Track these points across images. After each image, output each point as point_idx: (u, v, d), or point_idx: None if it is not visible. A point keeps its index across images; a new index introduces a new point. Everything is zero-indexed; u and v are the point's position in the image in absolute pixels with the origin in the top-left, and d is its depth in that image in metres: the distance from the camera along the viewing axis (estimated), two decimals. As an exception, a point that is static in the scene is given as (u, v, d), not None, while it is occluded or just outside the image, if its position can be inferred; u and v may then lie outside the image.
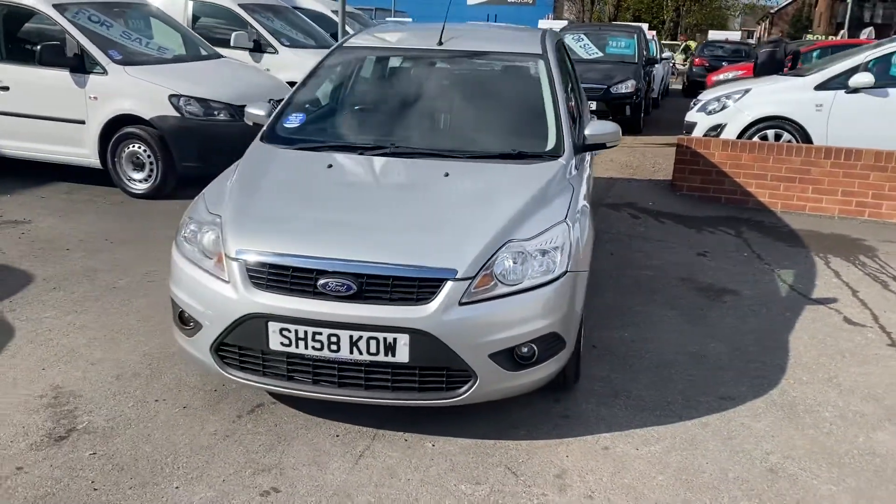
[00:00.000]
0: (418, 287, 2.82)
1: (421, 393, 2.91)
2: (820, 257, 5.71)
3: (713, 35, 34.27)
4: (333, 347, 2.85)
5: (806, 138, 7.42)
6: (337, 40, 10.22)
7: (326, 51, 4.40)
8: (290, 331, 2.86)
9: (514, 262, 2.93)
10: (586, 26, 15.38)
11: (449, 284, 2.81)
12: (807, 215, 6.88)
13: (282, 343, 2.89)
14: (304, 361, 2.91)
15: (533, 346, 2.93)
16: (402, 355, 2.82)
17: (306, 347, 2.87)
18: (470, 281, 2.83)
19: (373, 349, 2.82)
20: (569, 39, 12.71)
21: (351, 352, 2.84)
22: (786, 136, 7.49)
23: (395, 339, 2.80)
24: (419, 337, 2.79)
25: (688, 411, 3.35)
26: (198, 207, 3.29)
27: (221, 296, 2.95)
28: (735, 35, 38.96)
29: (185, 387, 3.40)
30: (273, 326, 2.87)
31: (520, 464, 2.92)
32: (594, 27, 14.70)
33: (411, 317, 2.78)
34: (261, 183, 3.37)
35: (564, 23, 21.78)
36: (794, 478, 2.89)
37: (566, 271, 2.99)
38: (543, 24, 21.92)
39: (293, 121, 3.94)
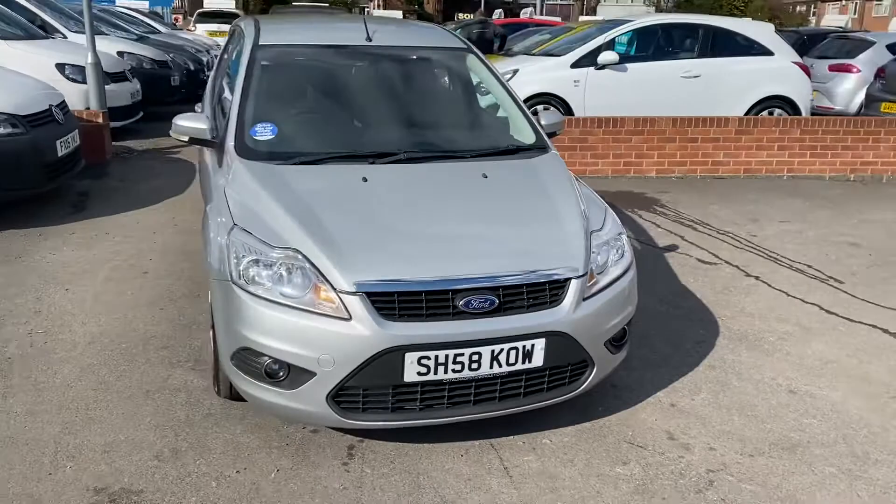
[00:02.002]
0: (549, 290, 2.86)
1: (548, 392, 2.96)
2: (630, 212, 6.68)
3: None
4: (474, 366, 2.76)
5: (568, 110, 8.45)
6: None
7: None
8: (429, 358, 2.70)
9: (599, 254, 3.11)
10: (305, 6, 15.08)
11: (574, 283, 2.90)
12: (588, 177, 7.89)
13: (419, 373, 2.72)
14: (439, 387, 2.77)
15: (625, 328, 3.16)
16: (538, 360, 2.84)
17: (446, 371, 2.74)
18: (585, 277, 2.95)
19: (511, 359, 2.80)
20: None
21: (491, 366, 2.78)
22: (552, 109, 8.43)
23: (532, 346, 2.81)
24: (555, 338, 2.84)
25: (686, 359, 3.86)
26: (249, 245, 2.85)
27: (345, 335, 2.65)
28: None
29: (249, 449, 2.96)
30: (410, 357, 2.68)
31: (632, 435, 3.15)
32: (306, 7, 14.49)
33: (548, 320, 2.82)
34: (306, 207, 3.00)
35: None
36: (794, 390, 3.57)
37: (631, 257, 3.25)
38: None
39: (264, 133, 3.52)
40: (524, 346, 2.80)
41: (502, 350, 2.77)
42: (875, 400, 3.53)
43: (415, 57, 4.27)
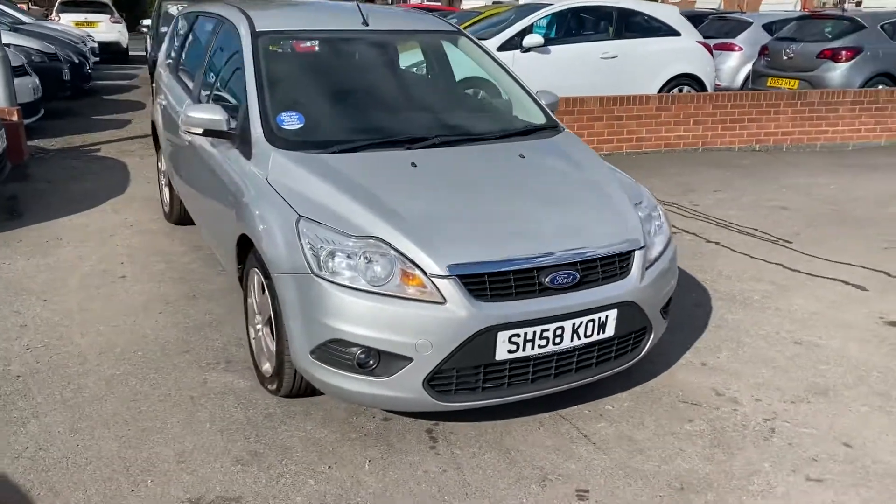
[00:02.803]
0: (618, 263, 2.97)
1: (615, 360, 3.08)
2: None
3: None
4: (557, 340, 2.84)
5: (497, 93, 8.59)
6: None
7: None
8: (519, 335, 2.75)
9: (646, 224, 3.25)
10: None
11: (637, 254, 3.03)
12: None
13: (509, 350, 2.76)
14: (524, 364, 2.83)
15: (671, 296, 3.33)
16: (610, 330, 2.95)
17: (533, 347, 2.80)
18: (645, 248, 3.08)
19: (588, 331, 2.90)
20: (174, 11, 11.90)
21: (571, 339, 2.87)
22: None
23: (606, 316, 2.92)
24: (625, 308, 2.96)
25: (694, 322, 4.10)
26: (325, 235, 2.78)
27: (441, 319, 2.65)
28: None
29: (329, 443, 2.90)
30: (502, 336, 2.72)
31: (683, 395, 3.32)
32: None
33: (619, 291, 2.93)
34: (370, 195, 2.94)
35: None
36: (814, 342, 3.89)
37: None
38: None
39: (291, 122, 3.41)
40: (599, 318, 2.89)
41: (581, 323, 2.85)
42: (867, 344, 3.89)
43: (414, 41, 4.25)
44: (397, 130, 3.59)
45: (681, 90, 9.50)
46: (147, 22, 17.94)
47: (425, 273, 2.69)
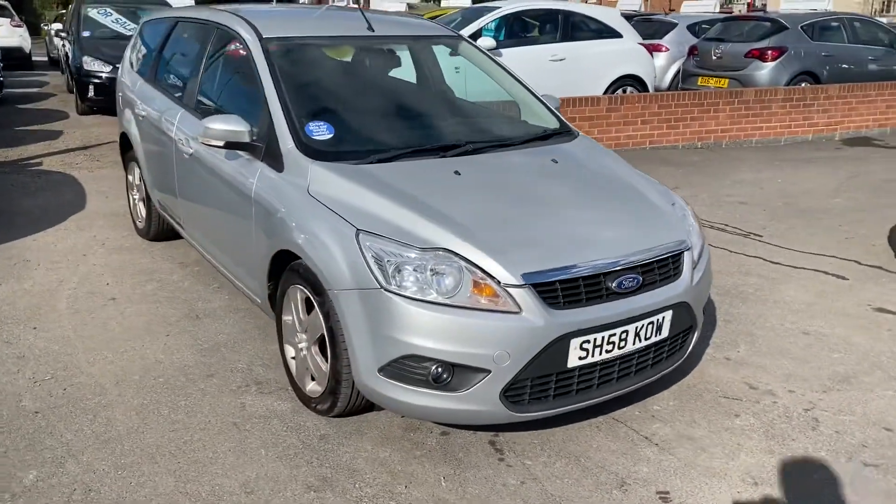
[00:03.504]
0: (671, 263, 3.02)
1: (667, 360, 3.13)
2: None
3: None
4: (622, 344, 2.86)
5: (451, 97, 8.58)
6: None
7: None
8: (589, 341, 2.76)
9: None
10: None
11: (686, 255, 3.09)
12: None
13: (579, 357, 2.76)
14: (591, 369, 2.83)
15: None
16: (665, 330, 3.00)
17: (601, 353, 2.81)
18: (692, 248, 3.14)
19: (648, 333, 2.93)
20: (94, 13, 11.40)
21: (633, 342, 2.89)
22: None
23: (663, 318, 2.96)
24: (678, 308, 3.01)
25: (706, 316, 4.21)
26: (389, 248, 2.70)
27: (519, 328, 2.63)
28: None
29: (396, 462, 2.82)
30: (574, 343, 2.72)
31: (721, 390, 3.40)
32: None
33: (675, 292, 2.98)
34: (425, 205, 2.87)
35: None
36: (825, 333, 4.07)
37: None
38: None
39: (320, 132, 3.29)
40: (657, 320, 2.93)
41: (643, 325, 2.88)
42: (868, 331, 4.09)
43: (420, 47, 4.19)
44: (427, 138, 3.54)
45: (624, 91, 9.75)
46: (57, 26, 17.06)
47: (498, 283, 2.65)
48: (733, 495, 2.68)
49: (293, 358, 3.24)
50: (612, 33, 9.59)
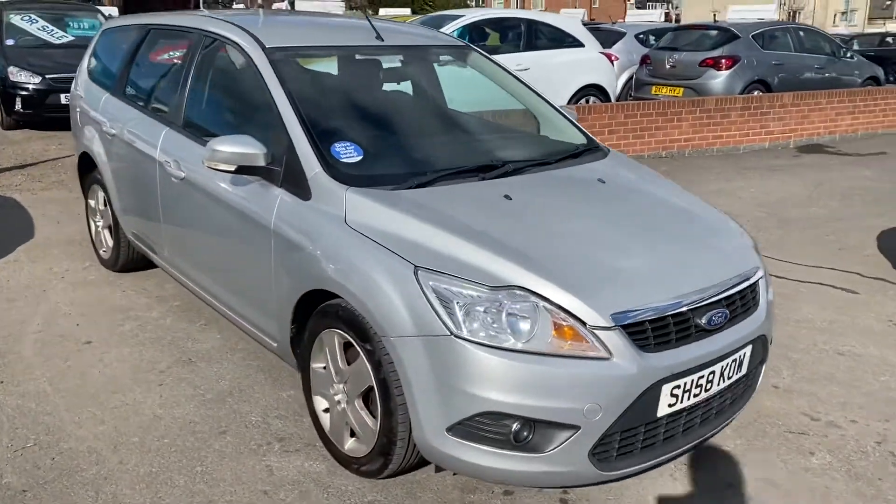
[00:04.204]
0: (750, 293, 2.77)
1: (742, 398, 2.87)
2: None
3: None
4: (709, 385, 2.59)
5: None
6: None
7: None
8: (679, 386, 2.47)
9: None
10: (37, 4, 12.62)
11: (762, 282, 2.85)
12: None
13: (669, 404, 2.47)
14: (677, 417, 2.55)
15: None
16: (744, 367, 2.75)
17: (689, 398, 2.53)
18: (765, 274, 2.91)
19: (730, 372, 2.67)
20: (18, 20, 10.60)
21: (718, 383, 2.63)
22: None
23: (744, 354, 2.71)
24: (756, 342, 2.76)
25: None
26: (455, 288, 2.35)
27: (610, 377, 2.32)
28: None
29: (463, 532, 2.47)
30: (666, 389, 2.44)
31: (783, 424, 3.18)
32: (46, 4, 12.26)
33: (755, 325, 2.73)
34: (487, 236, 2.53)
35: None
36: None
37: None
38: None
39: (348, 154, 2.92)
40: (739, 356, 2.68)
41: (728, 364, 2.62)
42: (900, 349, 3.96)
43: (431, 57, 3.85)
44: (462, 158, 3.20)
45: (587, 101, 9.61)
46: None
47: (584, 324, 2.34)
48: (844, 550, 2.44)
49: (326, 411, 2.85)
50: (574, 42, 9.45)
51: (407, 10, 15.44)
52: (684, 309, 2.48)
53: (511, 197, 2.84)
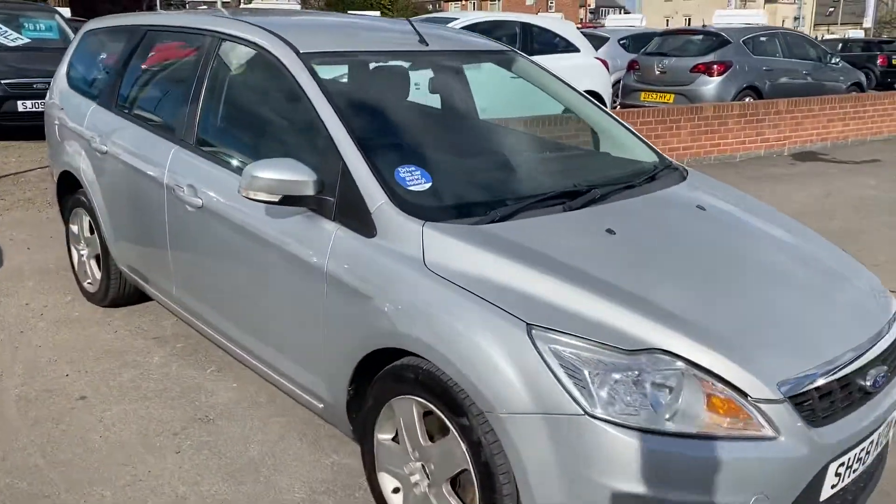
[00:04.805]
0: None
1: (881, 464, 2.45)
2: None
3: None
4: (866, 458, 2.18)
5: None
6: None
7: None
8: (843, 463, 2.06)
9: None
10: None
11: None
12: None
13: (832, 486, 2.05)
14: (836, 498, 2.13)
15: None
16: (892, 431, 2.34)
17: (850, 475, 2.11)
18: None
19: (882, 438, 2.26)
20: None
21: (872, 452, 2.22)
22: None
23: (894, 416, 2.30)
24: (904, 397, 2.36)
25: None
26: (586, 353, 1.90)
27: (779, 460, 1.89)
28: None
29: None
30: (832, 468, 2.01)
31: None
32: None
33: (904, 379, 2.33)
34: (603, 283, 2.07)
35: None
36: None
37: None
38: None
39: (414, 181, 2.44)
40: (892, 418, 2.27)
41: (883, 430, 2.21)
42: None
43: (479, 64, 3.39)
44: (539, 182, 2.75)
45: (584, 107, 9.24)
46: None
47: (745, 396, 1.90)
48: None
49: (396, 491, 2.37)
50: (570, 47, 9.08)
51: (371, 14, 14.94)
52: (849, 370, 2.06)
53: (614, 231, 2.38)
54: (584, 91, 8.64)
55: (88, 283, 4.16)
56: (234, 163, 2.88)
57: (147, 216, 3.35)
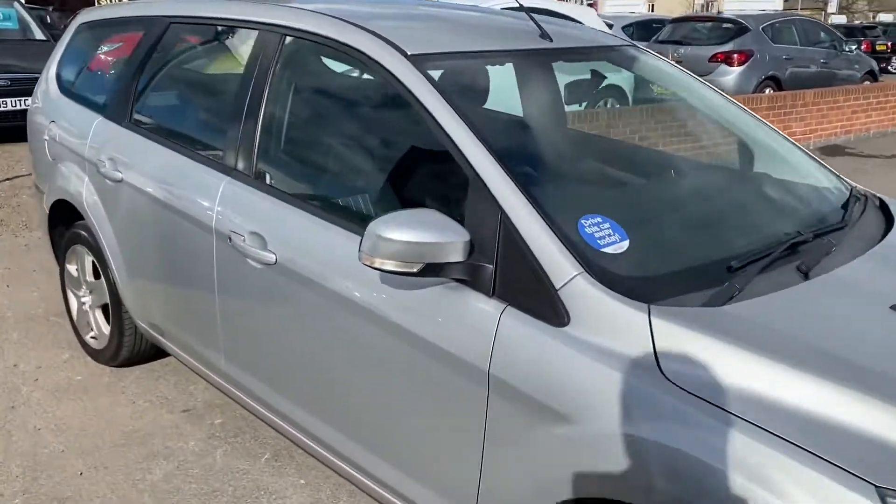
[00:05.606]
0: None
1: None
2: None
3: None
4: None
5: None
6: None
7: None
8: None
9: None
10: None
11: None
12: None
13: None
14: None
15: None
16: None
17: None
18: None
19: None
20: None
21: None
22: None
23: None
24: None
25: None
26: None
27: None
28: None
29: None
30: None
31: None
32: None
33: None
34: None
35: None
36: None
37: None
38: None
39: (606, 238, 1.71)
40: None
41: None
42: None
43: (611, 64, 2.66)
44: (746, 232, 2.02)
45: (606, 103, 8.56)
46: None
47: None
48: None
49: None
50: (592, 36, 8.36)
51: None
52: None
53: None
54: (610, 85, 8.00)
55: (92, 336, 3.35)
56: (322, 205, 2.12)
57: (183, 266, 2.57)
